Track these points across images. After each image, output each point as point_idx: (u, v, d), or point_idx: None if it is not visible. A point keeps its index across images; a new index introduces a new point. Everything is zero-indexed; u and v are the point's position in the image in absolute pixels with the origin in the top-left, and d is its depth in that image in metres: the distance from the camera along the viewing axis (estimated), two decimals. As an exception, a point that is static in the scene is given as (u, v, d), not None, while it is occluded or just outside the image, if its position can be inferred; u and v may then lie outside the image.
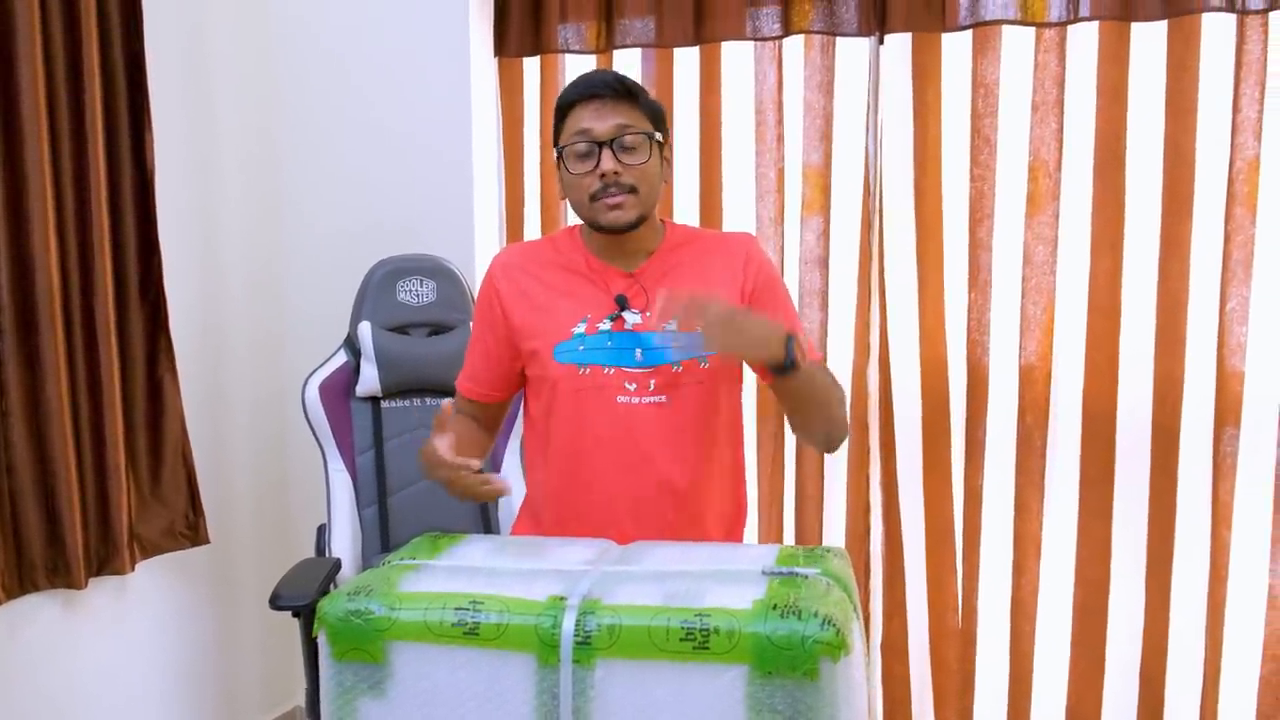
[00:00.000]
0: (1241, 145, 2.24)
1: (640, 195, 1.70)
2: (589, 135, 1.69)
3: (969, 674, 2.56)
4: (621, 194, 1.68)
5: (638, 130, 1.70)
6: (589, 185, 1.69)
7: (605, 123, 1.68)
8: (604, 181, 1.68)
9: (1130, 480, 2.42)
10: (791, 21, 2.52)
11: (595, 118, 1.69)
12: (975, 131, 2.43)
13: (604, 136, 1.68)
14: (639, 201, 1.70)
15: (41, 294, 2.18)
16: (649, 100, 1.75)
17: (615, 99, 1.70)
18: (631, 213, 1.70)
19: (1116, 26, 2.30)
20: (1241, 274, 2.26)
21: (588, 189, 1.70)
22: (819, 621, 1.21)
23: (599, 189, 1.69)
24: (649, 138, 1.71)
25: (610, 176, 1.67)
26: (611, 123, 1.68)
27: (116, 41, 2.33)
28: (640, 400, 1.71)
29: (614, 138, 1.68)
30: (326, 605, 1.33)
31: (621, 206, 1.69)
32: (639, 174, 1.70)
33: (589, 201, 1.70)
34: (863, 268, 2.55)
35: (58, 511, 2.23)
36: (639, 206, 1.70)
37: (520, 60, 2.78)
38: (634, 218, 1.70)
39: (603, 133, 1.68)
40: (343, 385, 2.45)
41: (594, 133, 1.68)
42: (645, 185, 1.71)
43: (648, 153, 1.71)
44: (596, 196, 1.69)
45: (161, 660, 2.63)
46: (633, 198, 1.69)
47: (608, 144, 1.68)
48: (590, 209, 1.71)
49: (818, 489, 2.63)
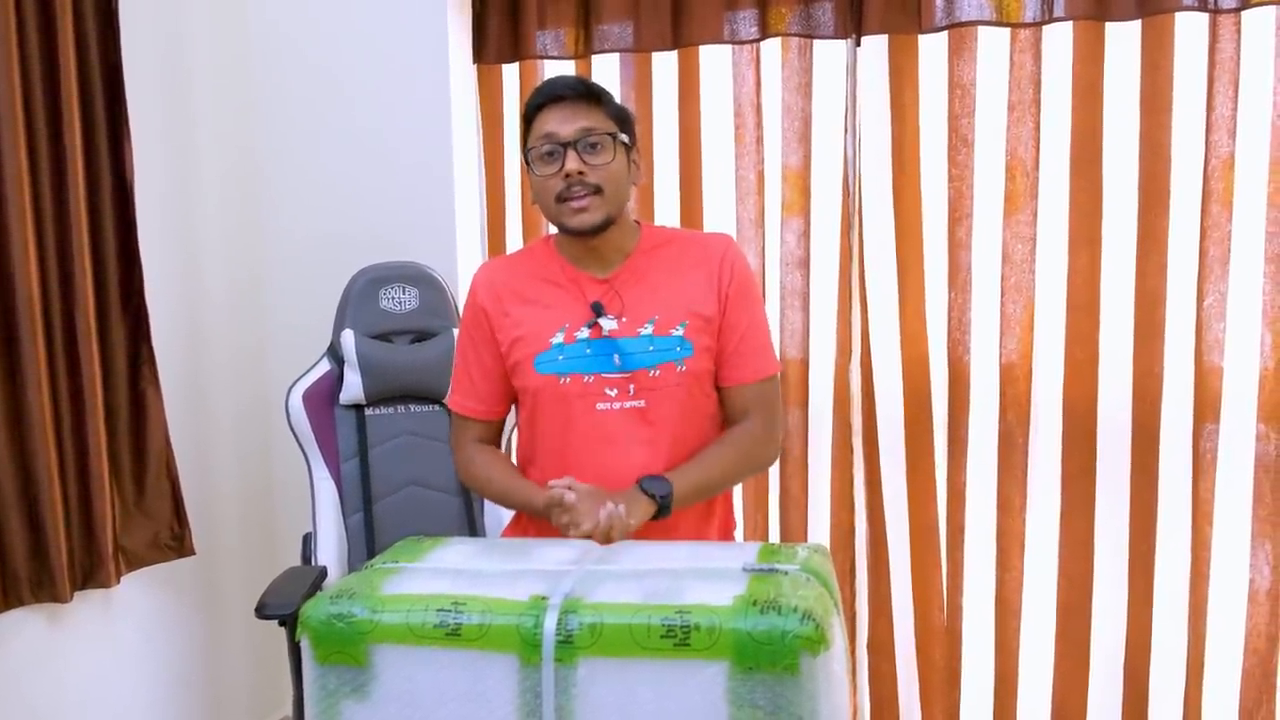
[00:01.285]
0: (1216, 143, 2.25)
1: (606, 196, 1.72)
2: (554, 138, 1.71)
3: (955, 671, 2.57)
4: (587, 195, 1.70)
5: (601, 131, 1.72)
6: (555, 187, 1.71)
7: (569, 125, 1.71)
8: (568, 182, 1.70)
9: (1111, 476, 2.43)
10: (769, 24, 2.53)
11: (559, 120, 1.71)
12: (953, 131, 2.44)
13: (568, 138, 1.70)
14: (604, 202, 1.72)
15: (22, 305, 2.16)
16: (613, 103, 1.77)
17: (578, 101, 1.72)
18: (598, 214, 1.71)
19: (1091, 26, 2.32)
20: (1218, 270, 2.28)
21: (554, 191, 1.72)
22: (799, 616, 1.21)
23: (564, 189, 1.70)
24: (613, 138, 1.73)
25: (575, 176, 1.69)
26: (575, 125, 1.71)
27: (93, 49, 2.32)
28: (620, 406, 1.74)
29: (578, 139, 1.70)
30: (309, 609, 1.34)
31: (587, 208, 1.71)
32: (604, 174, 1.71)
33: (555, 204, 1.72)
34: (843, 268, 2.56)
35: (41, 524, 2.22)
36: (605, 207, 1.72)
37: (499, 67, 2.78)
38: (600, 219, 1.72)
39: (567, 135, 1.71)
40: (326, 393, 2.45)
41: (558, 135, 1.71)
42: (611, 186, 1.72)
43: (612, 153, 1.73)
44: (562, 198, 1.71)
45: (148, 672, 2.62)
46: (598, 199, 1.71)
47: (572, 145, 1.70)
48: (557, 210, 1.73)
49: (802, 488, 2.63)
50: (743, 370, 1.79)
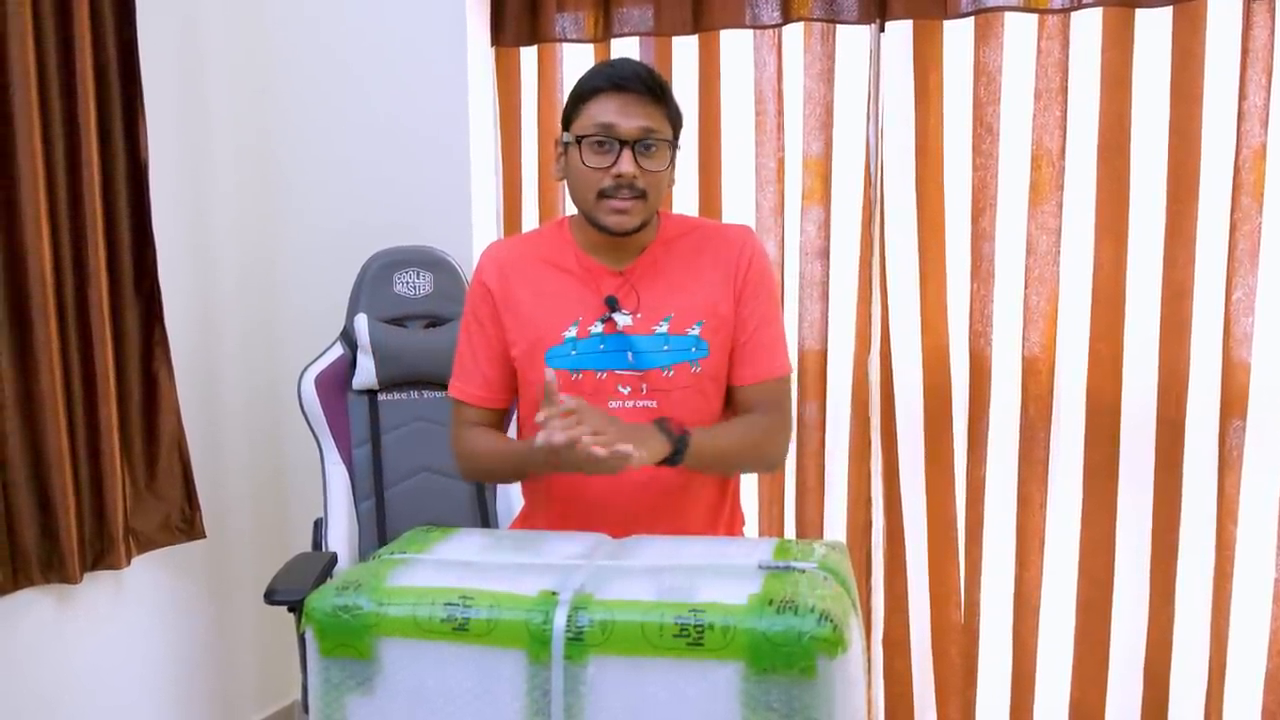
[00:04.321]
0: (1247, 133, 2.20)
1: (649, 202, 1.64)
2: (612, 131, 1.60)
3: (971, 669, 2.54)
4: (631, 199, 1.61)
5: (661, 136, 1.62)
6: (599, 181, 1.62)
7: (631, 121, 1.60)
8: (618, 182, 1.61)
9: (1135, 473, 2.39)
10: (791, 9, 2.49)
11: (621, 113, 1.60)
12: (977, 120, 2.40)
13: (628, 136, 1.60)
14: (645, 208, 1.64)
15: (35, 286, 2.16)
16: (674, 103, 1.67)
17: (644, 97, 1.61)
18: (636, 219, 1.63)
19: (1120, 13, 2.27)
20: (1248, 264, 2.23)
21: (597, 185, 1.62)
22: (816, 617, 1.18)
23: (610, 188, 1.61)
24: (670, 145, 1.64)
25: (626, 179, 1.60)
26: (638, 123, 1.60)
27: (109, 31, 2.31)
28: (633, 405, 1.68)
29: (638, 139, 1.60)
30: (314, 600, 1.31)
31: (628, 212, 1.62)
32: (653, 180, 1.63)
33: (595, 198, 1.63)
34: (864, 258, 2.52)
35: (52, 506, 2.22)
36: (644, 212, 1.64)
37: (517, 49, 2.75)
38: (637, 224, 1.64)
39: (627, 132, 1.60)
40: (339, 378, 2.43)
41: (618, 129, 1.60)
42: (654, 191, 1.64)
43: (667, 159, 1.64)
44: (605, 195, 1.62)
45: (157, 655, 2.62)
46: (640, 204, 1.62)
47: (630, 144, 1.60)
48: (595, 206, 1.64)
49: (818, 482, 2.60)
50: (751, 368, 1.72)
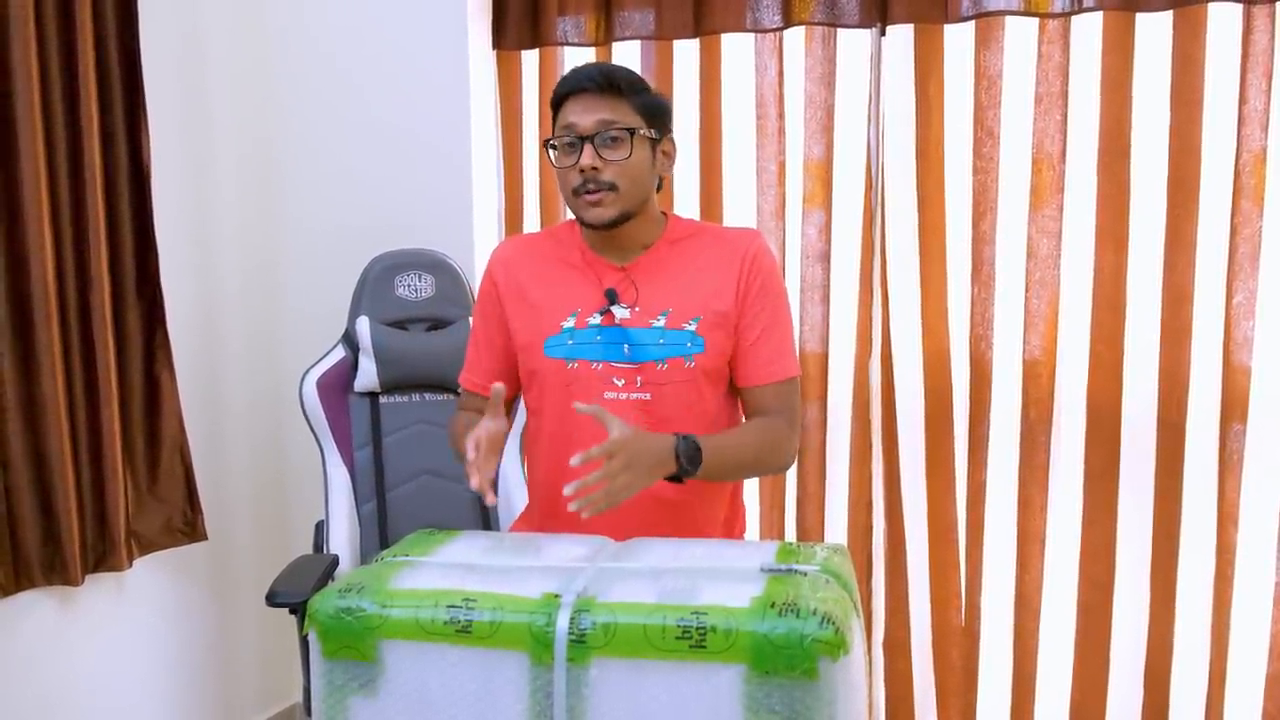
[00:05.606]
0: (1248, 137, 2.21)
1: (621, 192, 1.69)
2: (573, 130, 1.69)
3: (972, 672, 2.54)
4: (600, 190, 1.68)
5: (621, 125, 1.68)
6: (572, 180, 1.69)
7: (588, 117, 1.68)
8: (583, 177, 1.67)
9: (1135, 476, 2.39)
10: (792, 13, 2.49)
11: (580, 112, 1.69)
12: (978, 124, 2.40)
13: (586, 131, 1.68)
14: (619, 198, 1.69)
15: (37, 290, 2.16)
16: (641, 94, 1.72)
17: (599, 93, 1.69)
18: (611, 210, 1.69)
19: (1121, 17, 2.28)
20: (1248, 268, 2.23)
21: (571, 183, 1.70)
22: (818, 620, 1.19)
23: (579, 184, 1.68)
24: (632, 133, 1.69)
25: (589, 172, 1.67)
26: (594, 118, 1.68)
27: (111, 36, 2.31)
28: (627, 397, 1.71)
29: (595, 133, 1.67)
30: (317, 603, 1.32)
31: (600, 203, 1.68)
32: (619, 170, 1.68)
33: (572, 196, 1.71)
34: (865, 262, 2.52)
35: (54, 508, 2.22)
36: (620, 203, 1.69)
37: (519, 53, 2.76)
38: (614, 215, 1.69)
39: (585, 128, 1.68)
40: (341, 381, 2.43)
41: (577, 127, 1.68)
42: (627, 182, 1.69)
43: (629, 149, 1.68)
44: (578, 191, 1.69)
45: (159, 657, 2.62)
46: (612, 195, 1.68)
47: (589, 139, 1.67)
48: (574, 204, 1.71)
49: (819, 485, 2.60)
50: (760, 370, 1.75)
